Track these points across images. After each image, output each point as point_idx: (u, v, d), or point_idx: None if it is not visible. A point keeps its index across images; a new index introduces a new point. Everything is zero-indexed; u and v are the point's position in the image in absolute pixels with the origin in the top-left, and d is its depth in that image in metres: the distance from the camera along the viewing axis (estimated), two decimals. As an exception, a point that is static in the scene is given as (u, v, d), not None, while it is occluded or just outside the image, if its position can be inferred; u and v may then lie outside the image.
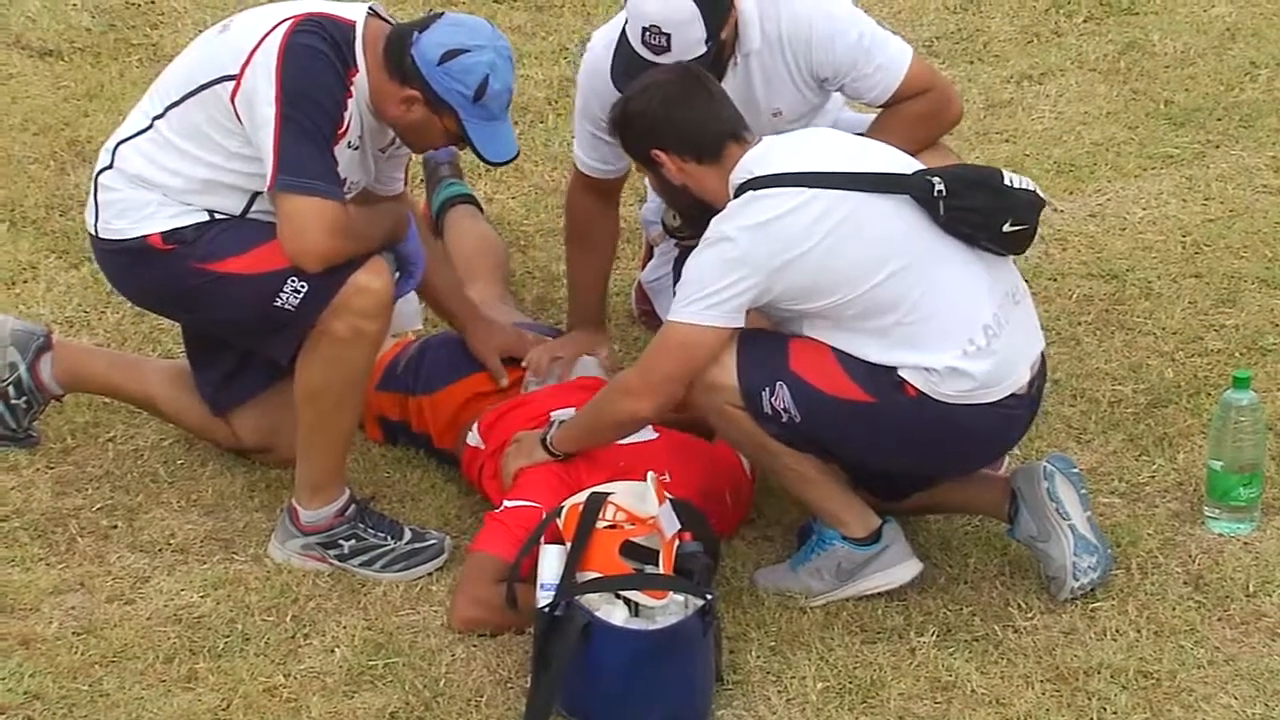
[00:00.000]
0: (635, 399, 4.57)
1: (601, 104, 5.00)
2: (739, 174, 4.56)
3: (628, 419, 4.65)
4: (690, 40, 4.78)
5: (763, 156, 4.56)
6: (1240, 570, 4.72)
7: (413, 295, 4.98)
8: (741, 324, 4.48)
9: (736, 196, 4.53)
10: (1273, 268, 5.82)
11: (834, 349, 4.51)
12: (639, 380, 4.57)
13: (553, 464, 4.73)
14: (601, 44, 5.05)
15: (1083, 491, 4.66)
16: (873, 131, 4.99)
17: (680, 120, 4.59)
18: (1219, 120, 6.57)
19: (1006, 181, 4.52)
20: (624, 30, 4.89)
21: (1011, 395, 4.53)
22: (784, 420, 4.49)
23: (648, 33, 4.80)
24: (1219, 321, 5.62)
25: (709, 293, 4.45)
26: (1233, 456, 4.81)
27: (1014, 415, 4.57)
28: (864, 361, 4.48)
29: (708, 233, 4.51)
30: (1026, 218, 4.53)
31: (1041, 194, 4.58)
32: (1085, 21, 7.19)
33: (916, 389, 4.46)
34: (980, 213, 4.49)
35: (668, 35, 4.78)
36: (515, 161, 4.90)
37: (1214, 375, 5.37)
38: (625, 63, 4.84)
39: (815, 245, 4.44)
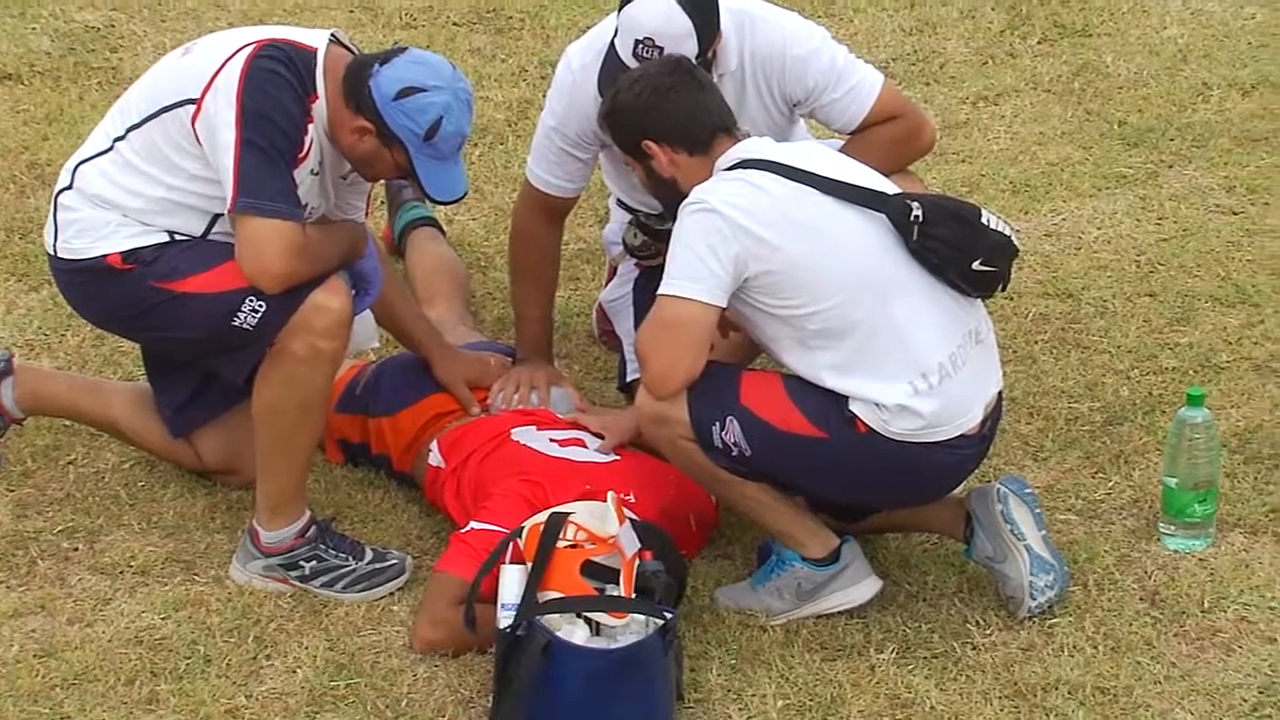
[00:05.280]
0: (649, 395, 4.50)
1: (581, 120, 5.00)
2: (726, 159, 4.54)
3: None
4: (682, 55, 4.78)
5: (754, 147, 4.56)
6: (1195, 586, 4.74)
7: (368, 313, 4.98)
8: (723, 305, 4.43)
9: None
10: (1225, 286, 5.85)
11: (786, 382, 4.51)
12: (645, 376, 4.50)
13: (520, 487, 4.72)
14: (580, 61, 5.03)
15: (1037, 511, 4.67)
16: (845, 153, 4.99)
17: (672, 111, 4.57)
18: (1172, 140, 6.62)
19: (984, 220, 4.51)
20: (612, 44, 4.88)
21: (961, 436, 4.52)
22: (734, 454, 4.48)
23: (641, 45, 4.79)
24: (1173, 340, 5.65)
25: (694, 261, 4.39)
26: (1188, 473, 4.83)
27: (963, 455, 4.57)
28: (816, 396, 4.47)
29: (690, 197, 4.47)
30: (996, 261, 4.51)
31: (1017, 243, 4.57)
32: (1039, 43, 7.23)
33: (867, 425, 4.45)
34: (951, 245, 4.47)
35: (661, 49, 4.77)
36: (475, 184, 4.90)
37: (1168, 393, 5.40)
38: (613, 74, 4.81)
39: (790, 234, 4.42)
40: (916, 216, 4.46)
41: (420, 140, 4.60)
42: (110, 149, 4.72)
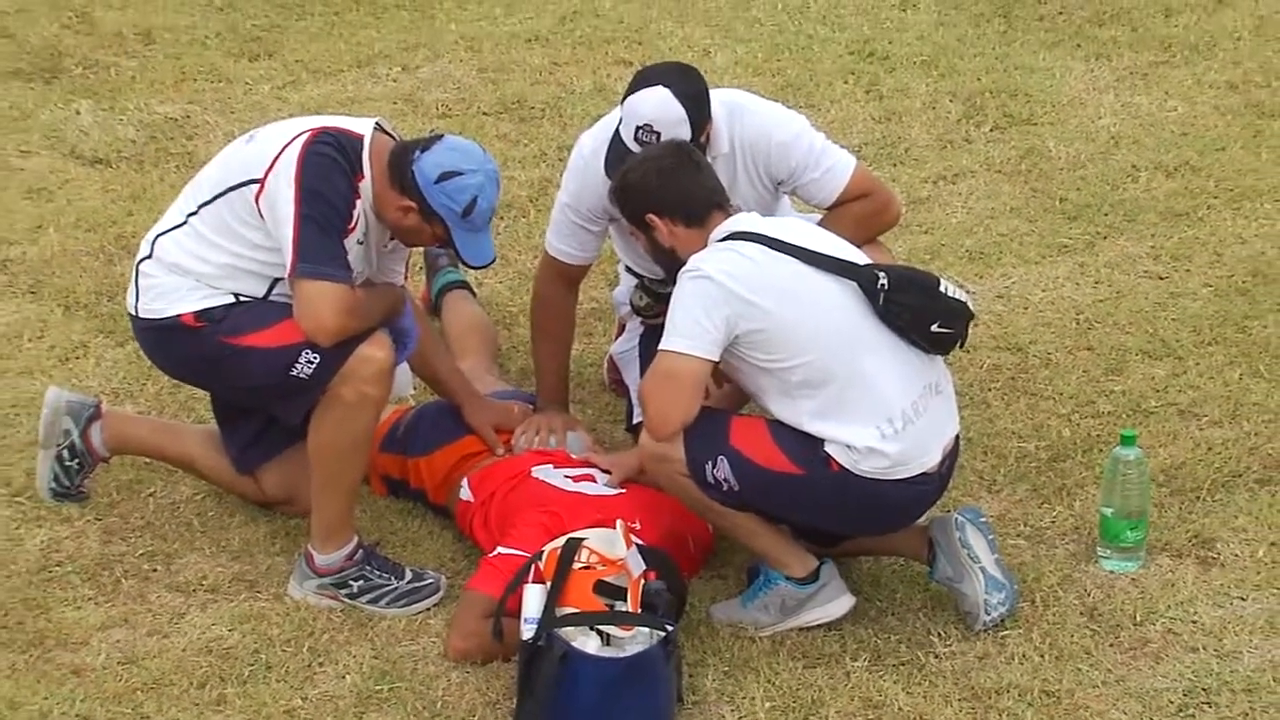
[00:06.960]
0: (651, 437, 4.50)
1: (592, 197, 5.01)
2: (719, 232, 4.55)
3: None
4: (681, 140, 4.80)
5: (743, 221, 4.57)
6: (1129, 603, 4.73)
7: (405, 364, 4.99)
8: (716, 359, 4.44)
9: None
10: (1153, 341, 5.85)
11: (769, 426, 4.51)
12: (647, 420, 4.51)
13: (540, 516, 4.71)
14: (590, 147, 5.04)
15: (990, 537, 4.66)
16: (822, 226, 5.00)
17: (672, 189, 4.58)
18: (1106, 215, 6.62)
19: (942, 288, 4.52)
20: (617, 130, 4.89)
21: (922, 474, 4.52)
22: (725, 489, 4.48)
23: (641, 131, 4.80)
24: (1108, 388, 5.64)
25: (690, 321, 4.41)
26: (1121, 504, 4.83)
27: (924, 490, 4.57)
28: (796, 437, 4.47)
29: (688, 265, 4.49)
30: (953, 324, 4.52)
31: (972, 307, 4.57)
32: (992, 130, 7.25)
33: (839, 464, 4.45)
34: (913, 310, 4.48)
35: (658, 134, 4.79)
36: (501, 252, 4.89)
37: (1105, 434, 5.39)
38: (618, 157, 4.83)
39: (775, 298, 4.43)
40: (883, 285, 4.48)
41: (459, 216, 4.62)
42: (184, 223, 4.74)
